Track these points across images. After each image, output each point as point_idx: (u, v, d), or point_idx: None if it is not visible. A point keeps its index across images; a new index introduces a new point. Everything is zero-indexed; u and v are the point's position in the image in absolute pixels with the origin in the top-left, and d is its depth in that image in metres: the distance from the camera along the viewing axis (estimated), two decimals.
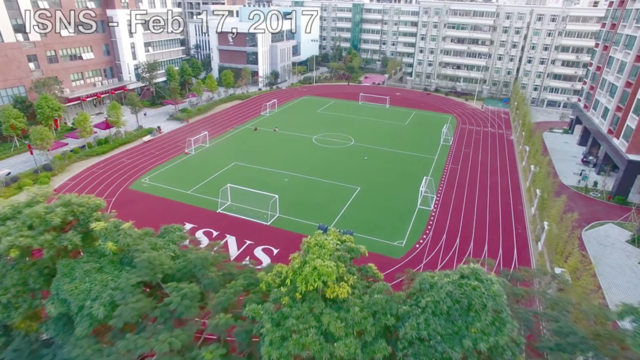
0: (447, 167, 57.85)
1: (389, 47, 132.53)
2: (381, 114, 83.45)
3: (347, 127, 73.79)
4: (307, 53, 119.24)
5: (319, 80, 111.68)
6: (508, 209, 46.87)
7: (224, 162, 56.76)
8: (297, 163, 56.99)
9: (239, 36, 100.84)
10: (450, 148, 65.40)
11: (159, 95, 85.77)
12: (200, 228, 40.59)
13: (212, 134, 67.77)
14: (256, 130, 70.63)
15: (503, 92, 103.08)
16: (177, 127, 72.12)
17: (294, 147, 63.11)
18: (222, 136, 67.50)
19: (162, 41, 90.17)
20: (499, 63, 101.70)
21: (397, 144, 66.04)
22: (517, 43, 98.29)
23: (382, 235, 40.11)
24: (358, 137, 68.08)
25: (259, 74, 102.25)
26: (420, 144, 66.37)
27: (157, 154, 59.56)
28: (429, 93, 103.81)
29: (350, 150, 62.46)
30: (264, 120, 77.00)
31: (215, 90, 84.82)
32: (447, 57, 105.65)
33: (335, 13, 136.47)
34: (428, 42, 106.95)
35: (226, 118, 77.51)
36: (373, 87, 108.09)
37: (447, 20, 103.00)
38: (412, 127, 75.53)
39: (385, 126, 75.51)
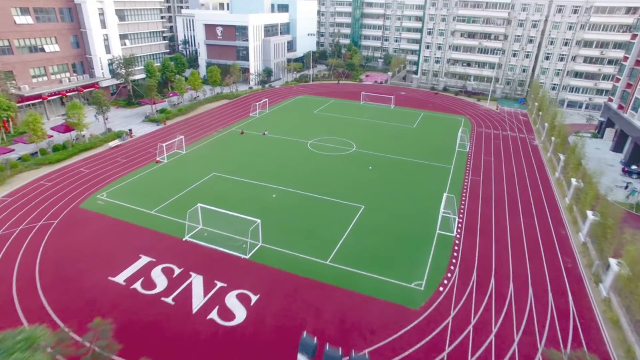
0: (467, 178, 48.66)
1: (391, 43, 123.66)
2: (386, 115, 74.27)
3: (348, 130, 64.60)
4: (303, 49, 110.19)
5: (316, 78, 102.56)
6: (548, 234, 37.69)
7: (201, 172, 47.51)
8: (288, 174, 47.74)
9: (228, 30, 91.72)
10: (467, 155, 56.24)
11: (137, 94, 76.50)
12: (159, 263, 31.31)
13: (191, 138, 58.50)
14: (243, 134, 61.37)
15: (517, 91, 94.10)
16: (153, 130, 62.83)
17: (285, 155, 53.84)
18: (202, 141, 58.20)
19: (141, 34, 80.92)
20: (513, 60, 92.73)
21: (406, 150, 56.86)
22: (534, 38, 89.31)
23: (395, 273, 30.90)
24: (360, 142, 58.87)
25: (250, 71, 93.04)
26: (433, 151, 57.19)
27: (123, 162, 50.25)
28: (437, 92, 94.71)
29: (352, 159, 53.24)
30: (253, 122, 67.76)
31: (199, 89, 75.56)
32: (456, 54, 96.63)
33: (334, 7, 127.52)
34: (435, 37, 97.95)
35: (210, 120, 68.22)
36: (375, 86, 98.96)
37: (456, 12, 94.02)
38: (422, 131, 66.34)
39: (391, 129, 66.31)
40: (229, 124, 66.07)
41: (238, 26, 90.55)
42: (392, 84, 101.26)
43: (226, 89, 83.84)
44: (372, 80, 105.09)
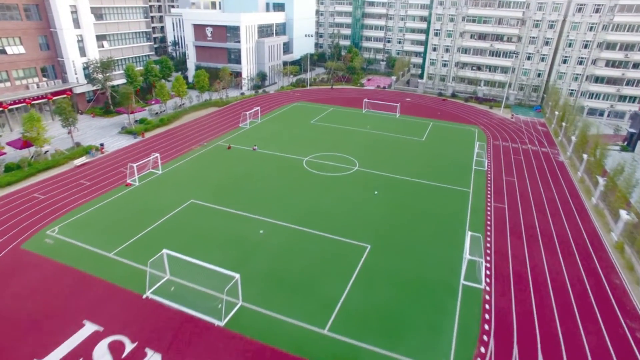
0: (490, 205, 41.44)
1: (394, 45, 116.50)
2: (391, 125, 67.01)
3: (349, 144, 57.35)
4: (300, 51, 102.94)
5: (314, 82, 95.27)
6: (599, 285, 30.49)
7: (177, 199, 40.23)
8: (279, 202, 40.46)
9: (218, 30, 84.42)
10: (486, 175, 49.04)
11: (116, 101, 69.15)
12: (107, 334, 24.04)
13: (171, 155, 51.22)
14: (230, 149, 54.09)
15: (532, 97, 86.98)
16: (129, 143, 55.54)
17: (277, 176, 46.53)
18: (183, 157, 50.90)
19: (121, 34, 73.58)
20: (527, 64, 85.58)
21: (416, 169, 49.63)
22: (551, 40, 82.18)
23: (411, 348, 23.66)
24: (363, 159, 51.65)
25: (242, 76, 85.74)
26: (447, 169, 49.98)
27: (87, 185, 42.96)
28: (445, 99, 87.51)
29: (354, 180, 45.98)
30: (243, 134, 60.49)
31: (184, 96, 68.23)
32: (465, 57, 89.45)
33: (333, 6, 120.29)
34: (443, 39, 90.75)
35: (194, 131, 60.91)
36: (378, 92, 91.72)
37: (466, 12, 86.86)
38: (432, 144, 59.09)
39: (398, 143, 59.06)
40: (216, 137, 58.76)
41: (229, 26, 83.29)
42: (396, 89, 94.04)
43: (215, 95, 76.49)
44: (374, 85, 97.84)
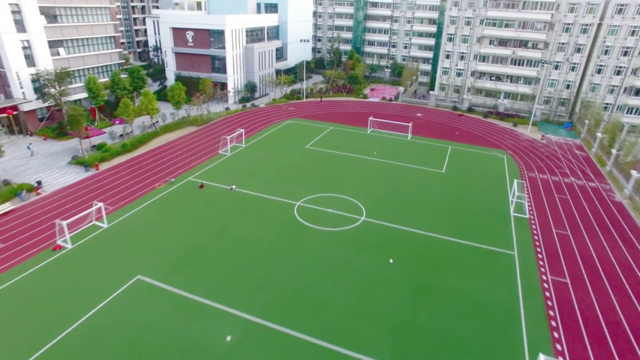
0: (547, 281, 30.31)
1: (399, 50, 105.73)
2: (402, 150, 55.88)
3: (353, 178, 46.21)
4: (296, 57, 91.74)
5: (311, 94, 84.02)
6: None
7: (119, 273, 29.08)
8: (258, 280, 29.30)
9: (200, 35, 73.28)
10: (530, 226, 37.95)
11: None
12: None
13: (125, 198, 40.01)
14: (202, 187, 42.88)
15: (558, 112, 76.01)
16: (77, 179, 44.32)
17: (258, 233, 35.32)
18: (140, 202, 39.69)
19: (82, 40, 62.30)
20: (555, 73, 74.57)
21: (438, 218, 38.50)
22: (583, 46, 71.19)
23: None
24: (371, 203, 40.50)
25: (228, 87, 74.59)
26: (478, 216, 38.88)
27: (0, 248, 31.74)
28: (462, 114, 76.42)
29: (361, 239, 34.81)
30: (222, 164, 49.33)
31: (154, 114, 57.00)
32: (483, 65, 78.42)
33: (332, 7, 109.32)
34: (458, 45, 79.73)
35: (163, 161, 49.71)
36: (384, 105, 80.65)
37: (485, 14, 75.87)
38: (455, 178, 47.93)
39: (413, 176, 47.90)
40: (188, 168, 47.55)
41: (213, 30, 72.14)
42: (404, 101, 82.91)
43: (195, 111, 65.22)
44: (379, 96, 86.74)
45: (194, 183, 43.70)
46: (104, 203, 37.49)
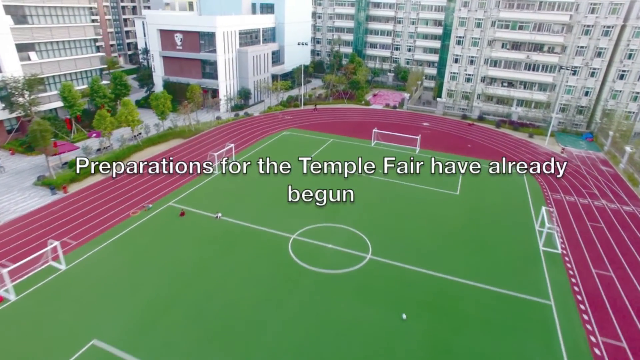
0: (596, 344, 24.71)
1: (403, 53, 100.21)
2: (409, 169, 50.29)
3: (355, 203, 40.60)
4: (293, 61, 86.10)
5: (309, 100, 78.30)
6: None
7: (71, 335, 23.52)
8: (244, 346, 23.68)
9: (189, 37, 67.69)
10: (565, 264, 32.37)
11: None
12: None
13: (92, 230, 34.39)
14: (183, 215, 37.25)
15: (575, 121, 70.46)
16: (40, 204, 38.72)
17: (245, 280, 29.69)
18: (110, 234, 34.06)
19: (57, 43, 56.68)
20: (572, 79, 68.99)
21: (456, 257, 32.89)
22: (604, 50, 65.64)
23: None
24: (377, 236, 34.89)
25: (219, 94, 68.98)
26: (502, 255, 33.28)
27: None
28: (472, 123, 70.83)
29: (368, 285, 29.18)
30: (208, 184, 43.72)
31: (135, 126, 51.39)
32: (494, 70, 72.84)
33: (332, 8, 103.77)
34: (467, 48, 74.14)
35: (142, 181, 44.08)
36: (388, 113, 75.07)
37: (497, 16, 70.31)
38: (471, 201, 42.29)
39: (423, 200, 42.26)
40: (171, 190, 41.95)
41: (203, 32, 66.55)
42: (410, 109, 77.32)
43: (182, 121, 59.54)
44: (382, 103, 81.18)
45: (175, 210, 38.08)
46: (67, 237, 32.06)
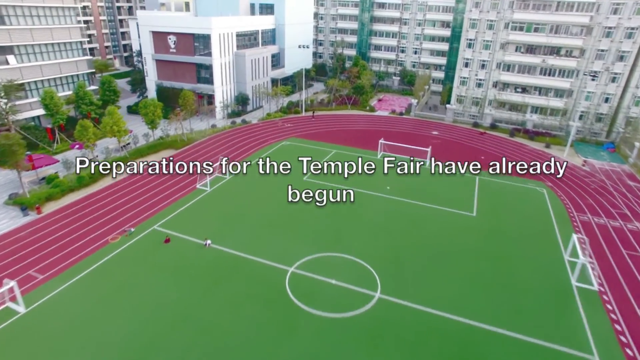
0: None
1: (409, 55, 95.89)
2: (421, 183, 46.06)
3: (361, 227, 36.41)
4: (294, 64, 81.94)
5: (310, 107, 74.11)
6: None
7: None
8: None
9: (183, 40, 63.63)
10: (604, 305, 28.11)
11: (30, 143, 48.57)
12: None
13: (65, 259, 30.31)
14: (168, 242, 33.11)
15: (594, 129, 66.06)
16: (11, 227, 34.70)
17: (233, 326, 25.55)
18: (84, 265, 29.96)
19: (38, 46, 52.70)
20: (591, 85, 64.62)
21: (477, 295, 28.66)
22: (627, 53, 61.27)
23: None
24: (386, 270, 30.67)
25: (215, 100, 64.89)
26: (530, 292, 29.03)
27: None
28: (484, 132, 66.51)
29: (377, 333, 24.99)
30: (197, 204, 39.62)
31: (122, 137, 47.33)
32: (508, 75, 68.50)
33: (336, 9, 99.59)
34: (478, 52, 69.88)
35: (126, 199, 40.01)
36: (394, 120, 70.86)
37: (510, 17, 66.01)
38: (490, 225, 38.00)
39: (437, 224, 37.96)
40: (157, 210, 37.85)
41: (197, 34, 62.47)
42: (417, 115, 73.06)
43: (174, 130, 55.42)
44: (387, 108, 76.99)
45: (159, 235, 33.97)
46: (33, 269, 28.05)
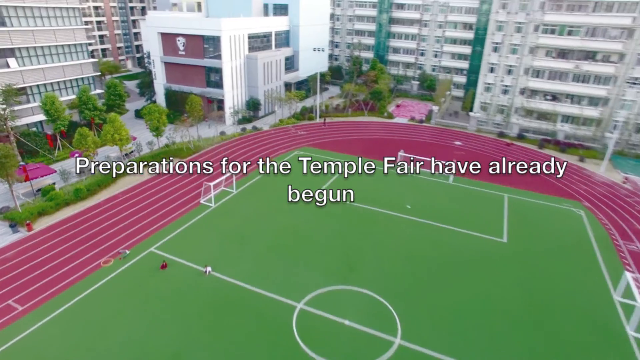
0: None
1: (429, 59, 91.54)
2: (444, 202, 42.03)
3: (377, 253, 32.67)
4: (309, 68, 78.50)
5: (325, 113, 70.50)
6: None
7: None
8: None
9: (193, 41, 60.76)
10: None
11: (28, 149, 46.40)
12: None
13: (51, 286, 27.35)
14: (165, 267, 29.92)
15: (631, 141, 60.92)
16: None
17: None
18: (68, 296, 26.96)
19: (40, 48, 50.29)
20: (631, 93, 59.58)
21: (516, 345, 24.68)
22: None
23: None
24: (406, 308, 26.90)
25: (224, 105, 61.85)
26: (576, 343, 24.93)
27: None
28: (511, 143, 61.98)
29: None
30: (201, 221, 36.42)
31: (123, 145, 44.48)
32: (537, 82, 63.82)
33: (352, 10, 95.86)
34: (505, 56, 65.37)
35: (123, 215, 37.03)
36: (414, 128, 66.82)
37: (541, 19, 61.37)
38: (525, 257, 33.81)
39: (463, 251, 33.97)
40: (156, 229, 34.74)
41: (207, 36, 59.50)
42: (438, 123, 68.82)
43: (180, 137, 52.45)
44: (406, 115, 72.97)
45: (156, 258, 30.83)
46: (12, 299, 25.19)
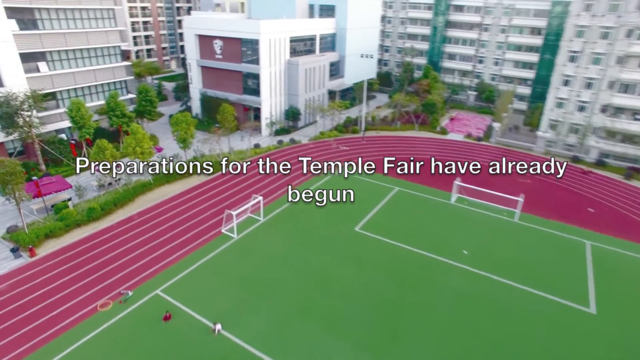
0: None
1: (488, 67, 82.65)
2: (509, 248, 34.65)
3: (427, 318, 26.20)
4: (355, 74, 72.21)
5: (372, 125, 64.07)
6: None
7: None
8: None
9: (230, 45, 56.57)
10: None
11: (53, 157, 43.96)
12: None
13: (38, 333, 23.32)
14: (168, 319, 25.12)
15: None
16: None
17: None
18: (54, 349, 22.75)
19: (72, 52, 47.71)
20: None
21: None
22: None
23: None
24: None
25: (261, 114, 57.17)
26: None
27: None
28: (588, 171, 52.76)
29: None
30: (218, 258, 31.51)
31: (145, 159, 40.55)
32: (624, 97, 54.05)
33: (405, 11, 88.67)
34: (584, 67, 56.09)
35: (133, 244, 32.85)
36: (469, 147, 58.99)
37: (636, 22, 51.72)
38: (622, 338, 26.15)
39: (537, 324, 26.72)
40: (166, 265, 30.20)
41: (245, 39, 55.00)
42: (499, 143, 60.47)
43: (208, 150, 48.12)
44: (462, 130, 65.11)
45: (160, 304, 26.16)
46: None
